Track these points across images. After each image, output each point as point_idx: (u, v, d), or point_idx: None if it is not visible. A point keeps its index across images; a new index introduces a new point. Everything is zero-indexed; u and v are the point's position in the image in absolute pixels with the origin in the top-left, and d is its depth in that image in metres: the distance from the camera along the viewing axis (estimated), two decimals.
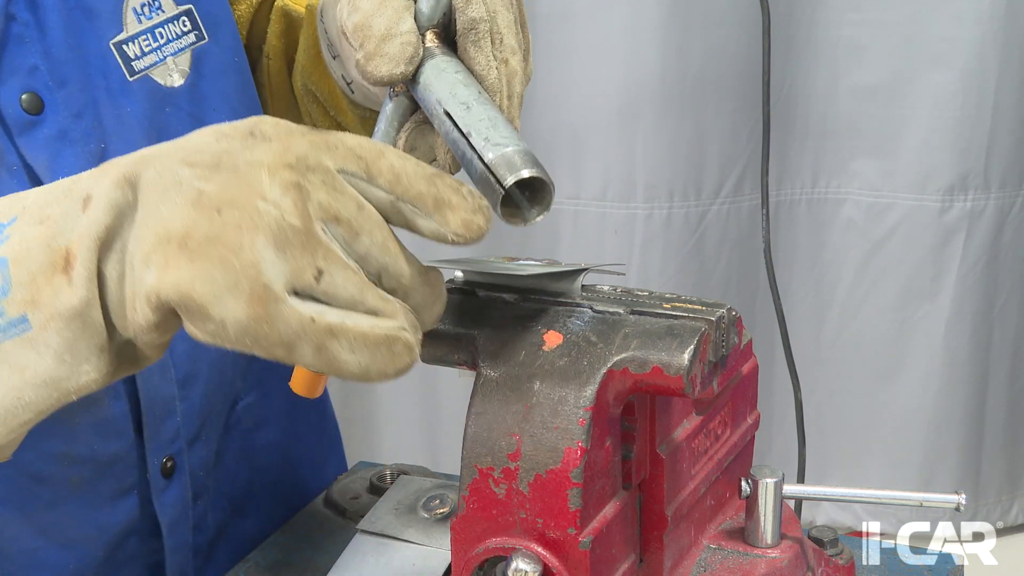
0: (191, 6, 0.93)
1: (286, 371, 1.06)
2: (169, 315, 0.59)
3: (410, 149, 0.74)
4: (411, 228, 0.63)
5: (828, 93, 2.08)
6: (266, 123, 0.62)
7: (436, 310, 0.64)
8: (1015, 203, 2.13)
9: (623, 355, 0.69)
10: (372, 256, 0.60)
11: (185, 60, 0.92)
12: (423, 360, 0.75)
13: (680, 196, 2.07)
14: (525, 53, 0.78)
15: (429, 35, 0.75)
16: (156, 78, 0.90)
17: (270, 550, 1.01)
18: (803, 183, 2.15)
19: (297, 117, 1.04)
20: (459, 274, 0.77)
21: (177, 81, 0.92)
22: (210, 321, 0.57)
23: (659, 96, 2.01)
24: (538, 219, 0.66)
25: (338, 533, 1.03)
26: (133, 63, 0.89)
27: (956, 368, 2.19)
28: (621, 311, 0.72)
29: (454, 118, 0.69)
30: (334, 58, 0.91)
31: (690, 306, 0.72)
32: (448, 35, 0.76)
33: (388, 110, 0.77)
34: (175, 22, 0.92)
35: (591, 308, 0.73)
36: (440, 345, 0.74)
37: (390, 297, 0.60)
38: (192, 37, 0.93)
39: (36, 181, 0.82)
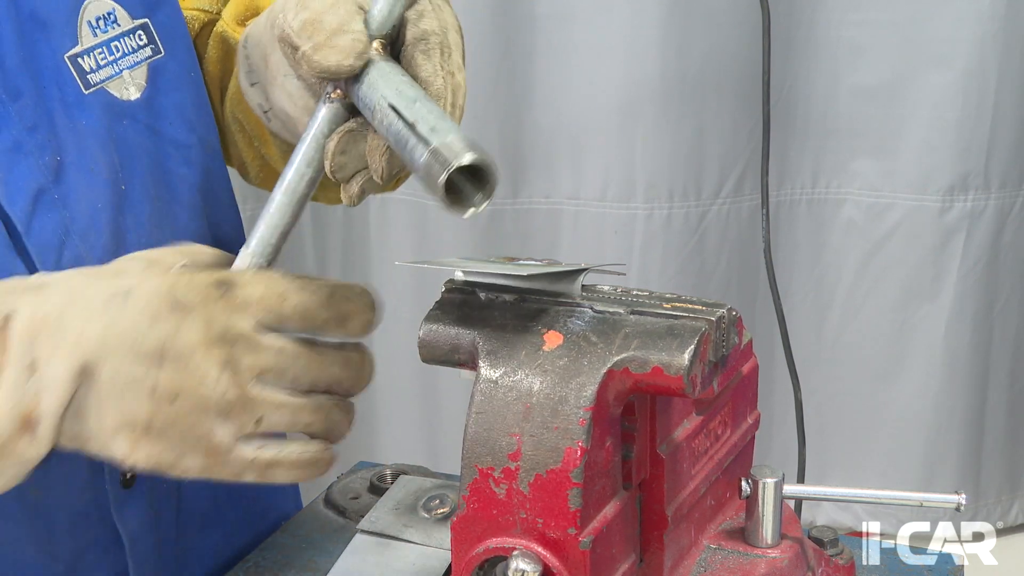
0: (147, 20, 0.93)
1: None
2: None
3: (340, 153, 0.76)
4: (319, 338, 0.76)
5: (828, 93, 2.08)
6: (181, 287, 0.72)
7: (366, 375, 0.76)
8: (1015, 203, 2.13)
9: (623, 355, 0.69)
10: (300, 379, 0.73)
11: (141, 74, 0.92)
12: (423, 360, 0.75)
13: (680, 196, 2.07)
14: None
15: (376, 44, 0.76)
16: (112, 91, 0.90)
17: (270, 550, 1.01)
18: (803, 183, 2.14)
19: (224, 147, 1.04)
20: (459, 274, 0.77)
21: (133, 95, 0.91)
22: (175, 470, 0.73)
23: (659, 96, 2.01)
24: (484, 206, 0.67)
25: (338, 533, 1.03)
26: (88, 76, 0.89)
27: (956, 368, 2.19)
28: (621, 311, 0.72)
29: (399, 110, 0.70)
30: (252, 85, 0.91)
31: (690, 306, 0.72)
32: (393, 50, 0.77)
33: (320, 115, 0.77)
34: (131, 36, 0.91)
35: (591, 308, 0.73)
36: (440, 345, 0.74)
37: (320, 403, 0.74)
38: (148, 51, 0.93)
39: None
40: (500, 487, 0.68)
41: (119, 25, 0.91)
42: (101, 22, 0.90)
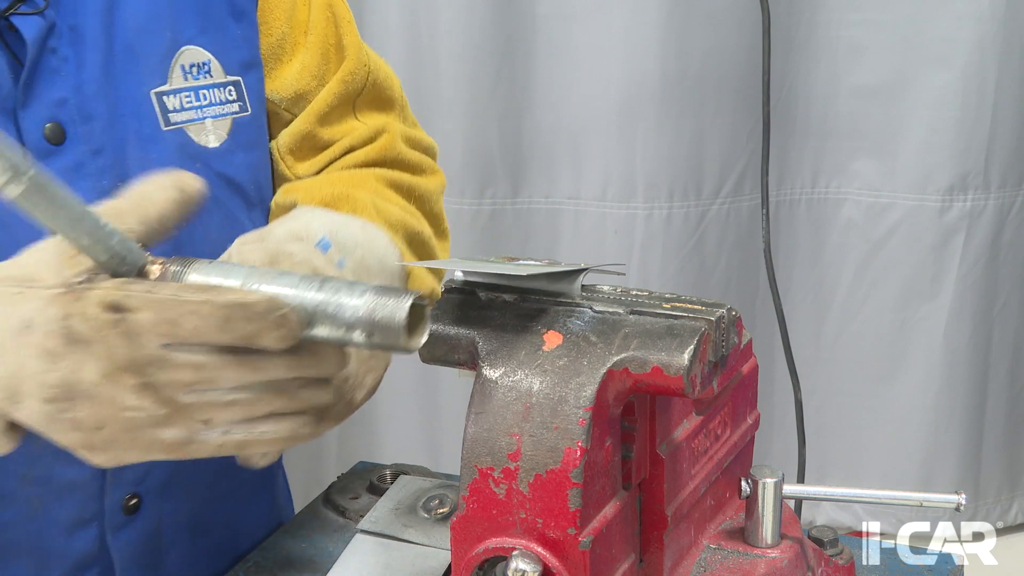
0: (240, 79, 0.96)
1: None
2: None
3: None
4: None
5: (828, 93, 2.08)
6: (76, 317, 0.66)
7: (327, 365, 0.71)
8: (1015, 203, 2.13)
9: (623, 355, 0.69)
10: (238, 381, 0.68)
11: (224, 126, 0.95)
12: (423, 360, 0.75)
13: (680, 196, 2.07)
14: None
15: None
16: (191, 134, 0.93)
17: (270, 550, 1.01)
18: (803, 183, 2.15)
19: None
20: (459, 274, 0.77)
21: (212, 142, 0.94)
22: (145, 459, 0.70)
23: (659, 96, 2.01)
24: (428, 327, 0.69)
25: (338, 533, 1.03)
26: (170, 114, 0.92)
27: (956, 368, 2.19)
28: (621, 311, 0.72)
29: (299, 290, 0.69)
30: None
31: (690, 306, 0.72)
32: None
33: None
34: (221, 88, 0.95)
35: (591, 308, 0.73)
36: (440, 345, 0.74)
37: (283, 387, 0.69)
38: (236, 107, 0.96)
39: None
40: (500, 487, 0.68)
41: (211, 76, 0.94)
42: (195, 69, 0.93)
